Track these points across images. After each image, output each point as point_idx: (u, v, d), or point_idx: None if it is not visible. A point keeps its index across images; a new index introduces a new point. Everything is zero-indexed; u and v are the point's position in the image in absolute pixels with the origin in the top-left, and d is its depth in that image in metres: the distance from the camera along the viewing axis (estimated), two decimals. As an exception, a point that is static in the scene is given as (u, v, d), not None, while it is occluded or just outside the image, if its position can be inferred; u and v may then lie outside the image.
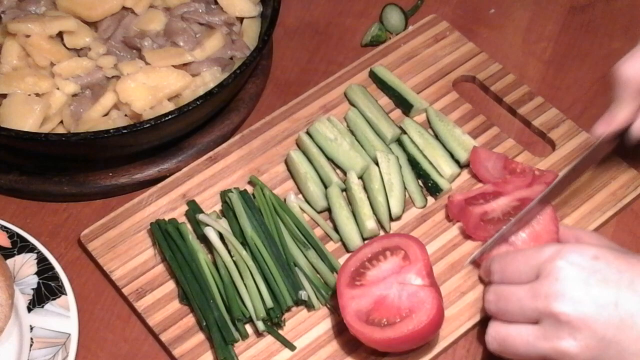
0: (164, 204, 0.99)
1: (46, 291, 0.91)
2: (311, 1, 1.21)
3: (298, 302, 0.91)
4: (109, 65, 1.03)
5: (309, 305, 0.91)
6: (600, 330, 0.75)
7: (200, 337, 0.90)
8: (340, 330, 0.90)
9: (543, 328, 0.77)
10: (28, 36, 1.01)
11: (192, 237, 0.94)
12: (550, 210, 0.93)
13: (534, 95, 1.07)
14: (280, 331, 0.90)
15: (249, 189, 0.99)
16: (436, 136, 1.03)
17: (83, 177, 1.01)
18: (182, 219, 0.97)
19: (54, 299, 0.91)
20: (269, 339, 0.90)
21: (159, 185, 1.00)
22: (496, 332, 0.82)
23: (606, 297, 0.76)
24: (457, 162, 1.01)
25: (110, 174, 1.01)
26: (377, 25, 1.16)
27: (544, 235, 0.92)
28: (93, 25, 1.06)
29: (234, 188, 0.98)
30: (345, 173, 1.00)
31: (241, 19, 1.09)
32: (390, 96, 1.07)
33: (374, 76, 1.09)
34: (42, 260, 0.93)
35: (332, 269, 0.93)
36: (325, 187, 0.99)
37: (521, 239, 0.92)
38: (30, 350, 0.88)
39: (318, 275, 0.93)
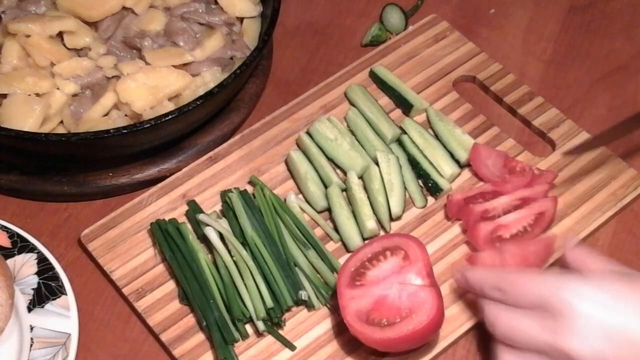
0: (164, 204, 0.99)
1: (46, 291, 0.91)
2: (311, 1, 1.21)
3: (298, 302, 0.91)
4: (109, 65, 1.03)
5: (309, 305, 0.91)
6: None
7: (200, 337, 0.90)
8: (340, 330, 0.90)
9: None
10: (28, 36, 1.01)
11: (192, 237, 0.94)
12: (550, 238, 0.93)
13: (534, 95, 1.07)
14: (280, 331, 0.90)
15: (249, 189, 0.99)
16: (436, 136, 1.03)
17: (83, 177, 1.01)
18: (182, 219, 0.97)
19: (54, 299, 0.91)
20: (269, 339, 0.90)
21: (159, 185, 1.00)
22: (502, 357, 0.80)
23: (614, 326, 0.75)
24: (457, 162, 1.01)
25: (110, 174, 1.01)
26: (377, 25, 1.16)
27: (532, 257, 0.91)
28: (93, 25, 1.06)
29: (234, 188, 0.98)
30: (345, 173, 1.00)
31: (241, 19, 1.09)
32: (391, 96, 1.07)
33: (374, 76, 1.09)
34: (42, 260, 0.93)
35: (332, 269, 0.93)
36: (326, 187, 0.99)
37: (510, 252, 0.91)
38: (30, 350, 0.88)
39: (318, 275, 0.93)
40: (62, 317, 0.90)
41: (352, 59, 1.12)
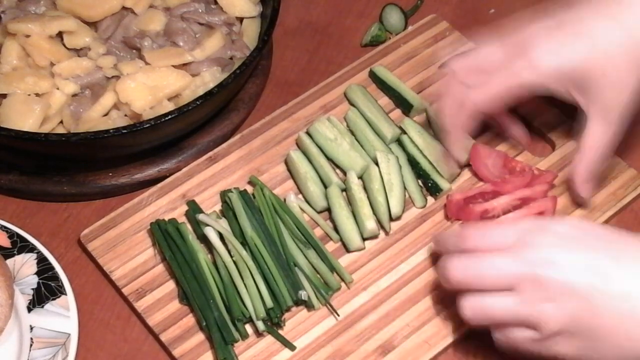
0: (164, 204, 0.99)
1: (46, 291, 0.91)
2: (311, 1, 1.21)
3: (298, 302, 0.91)
4: (109, 65, 1.03)
5: (309, 305, 0.91)
6: (579, 294, 0.75)
7: (200, 337, 0.90)
8: (340, 330, 0.90)
9: (522, 294, 0.77)
10: (28, 36, 1.01)
11: (192, 237, 0.94)
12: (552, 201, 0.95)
13: (534, 95, 1.07)
14: (280, 331, 0.90)
15: (249, 189, 0.99)
16: (436, 136, 1.03)
17: (83, 177, 1.01)
18: (182, 219, 0.97)
19: (54, 299, 0.91)
20: (269, 339, 0.90)
21: (159, 185, 1.00)
22: (472, 304, 0.80)
23: (585, 261, 0.76)
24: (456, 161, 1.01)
25: (110, 174, 1.01)
26: (377, 25, 1.16)
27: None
28: (93, 25, 1.06)
29: (234, 188, 0.98)
30: (345, 173, 1.00)
31: (241, 19, 1.09)
32: (390, 96, 1.07)
33: (373, 76, 1.09)
34: (42, 260, 0.93)
35: (332, 268, 0.93)
36: (325, 187, 0.99)
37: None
38: (30, 350, 0.88)
39: (318, 276, 0.93)
40: (62, 317, 0.90)
41: (352, 59, 1.12)
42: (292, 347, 0.89)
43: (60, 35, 1.03)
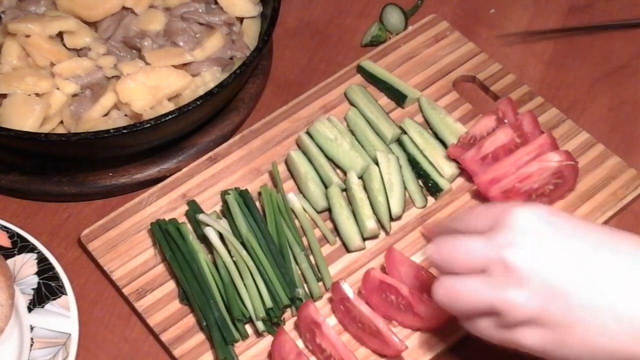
0: (164, 204, 0.99)
1: (46, 291, 0.91)
2: (311, 1, 1.21)
3: (295, 300, 0.91)
4: (109, 65, 1.03)
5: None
6: (548, 278, 0.72)
7: (200, 337, 0.90)
8: (340, 330, 0.90)
9: (491, 277, 0.74)
10: (28, 36, 1.01)
11: (192, 237, 0.94)
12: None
13: (534, 95, 1.07)
14: (280, 331, 0.90)
15: (250, 188, 0.99)
16: (428, 125, 1.04)
17: (83, 177, 1.01)
18: (182, 219, 0.97)
19: (54, 299, 0.91)
20: (269, 339, 0.90)
21: (159, 185, 1.00)
22: (442, 283, 0.77)
23: (558, 247, 0.73)
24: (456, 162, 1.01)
25: (110, 174, 1.01)
26: (377, 25, 1.16)
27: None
28: (93, 25, 1.06)
29: (234, 188, 0.98)
30: (345, 173, 1.00)
31: (241, 19, 1.09)
32: (382, 89, 1.07)
33: (362, 71, 1.08)
34: (42, 260, 0.93)
35: (319, 278, 0.93)
36: (326, 187, 0.99)
37: None
38: (30, 350, 0.88)
39: (315, 276, 0.93)
40: (62, 317, 0.90)
41: (352, 59, 1.12)
42: (292, 347, 0.89)
43: (60, 35, 1.03)
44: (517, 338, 0.73)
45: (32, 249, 0.94)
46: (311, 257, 0.94)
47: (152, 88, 1.00)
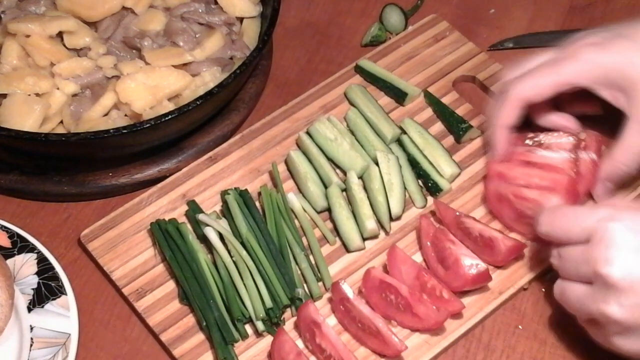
0: (164, 204, 0.99)
1: (46, 291, 0.91)
2: (311, 1, 1.21)
3: (295, 300, 0.91)
4: (109, 65, 1.03)
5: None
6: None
7: (200, 337, 0.90)
8: (340, 330, 0.90)
9: (593, 289, 0.80)
10: (28, 36, 1.01)
11: (192, 237, 0.94)
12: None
13: (534, 95, 1.07)
14: (280, 331, 0.90)
15: (250, 188, 0.99)
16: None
17: (83, 177, 1.01)
18: (182, 219, 0.97)
19: (54, 299, 0.91)
20: (269, 339, 0.90)
21: (159, 185, 1.00)
22: (558, 285, 0.85)
23: None
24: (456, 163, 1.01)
25: (110, 174, 1.01)
26: (377, 25, 1.16)
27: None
28: (93, 25, 1.06)
29: (234, 188, 0.98)
30: (345, 173, 1.00)
31: (241, 19, 1.09)
32: (382, 88, 1.07)
33: (361, 71, 1.08)
34: (42, 260, 0.93)
35: (319, 278, 0.93)
36: (325, 187, 0.99)
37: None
38: (30, 350, 0.88)
39: (315, 276, 0.93)
40: (62, 317, 0.90)
41: (352, 59, 1.12)
42: (292, 347, 0.89)
43: (60, 35, 1.03)
44: (619, 345, 0.80)
45: (32, 249, 0.94)
46: (311, 257, 0.94)
47: (152, 88, 1.00)
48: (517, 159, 0.98)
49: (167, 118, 0.94)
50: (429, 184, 1.00)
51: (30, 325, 0.89)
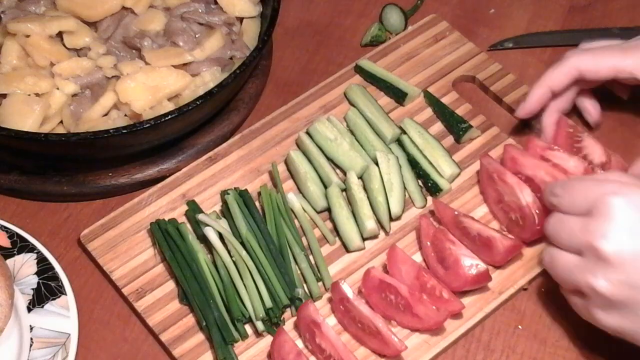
0: (163, 204, 0.99)
1: (46, 291, 0.91)
2: (311, 1, 1.21)
3: (295, 300, 0.91)
4: (109, 65, 1.03)
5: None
6: (634, 275, 0.77)
7: (200, 337, 0.90)
8: (340, 330, 0.90)
9: (583, 261, 0.80)
10: (28, 36, 1.01)
11: (192, 237, 0.94)
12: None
13: (534, 95, 1.07)
14: (280, 331, 0.90)
15: (250, 188, 0.99)
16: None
17: (83, 177, 1.01)
18: (182, 219, 0.97)
19: (53, 299, 0.91)
20: (269, 339, 0.90)
21: (159, 185, 1.00)
22: (547, 251, 0.86)
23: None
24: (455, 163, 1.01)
25: (110, 174, 1.01)
26: (377, 25, 1.16)
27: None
28: (93, 25, 1.06)
29: (234, 188, 0.98)
30: (345, 173, 1.00)
31: (241, 19, 1.09)
32: (382, 88, 1.07)
33: (361, 71, 1.08)
34: (42, 260, 0.93)
35: (319, 278, 0.93)
36: (325, 187, 0.99)
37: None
38: (30, 350, 0.88)
39: (315, 276, 0.93)
40: (62, 317, 0.90)
41: (352, 59, 1.12)
42: (292, 347, 0.89)
43: (60, 35, 1.03)
44: (599, 318, 0.81)
45: (31, 249, 0.94)
46: (311, 257, 0.94)
47: (151, 88, 1.00)
48: (560, 142, 0.99)
49: (167, 118, 0.94)
50: (429, 184, 1.00)
51: (30, 325, 0.89)
